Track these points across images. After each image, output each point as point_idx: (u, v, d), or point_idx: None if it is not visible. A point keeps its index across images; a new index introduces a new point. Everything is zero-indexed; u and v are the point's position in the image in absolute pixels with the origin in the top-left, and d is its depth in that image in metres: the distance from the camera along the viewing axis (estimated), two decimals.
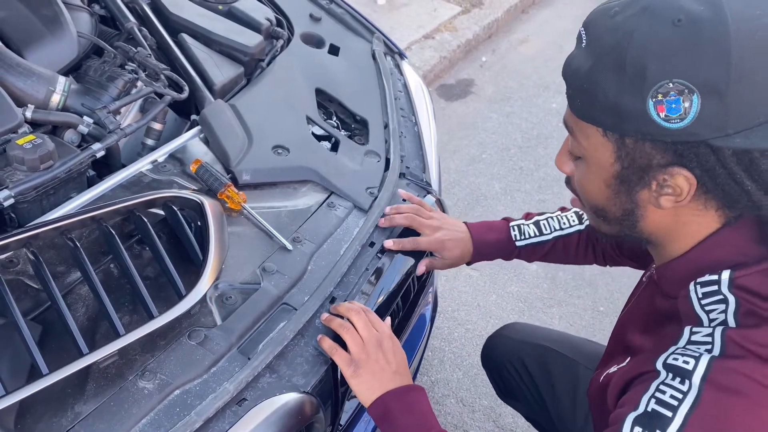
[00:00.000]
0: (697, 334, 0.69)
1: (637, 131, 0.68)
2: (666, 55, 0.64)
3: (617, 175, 0.72)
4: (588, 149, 0.74)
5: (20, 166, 0.93)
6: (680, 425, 0.64)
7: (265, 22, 1.44)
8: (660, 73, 0.64)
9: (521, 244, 1.17)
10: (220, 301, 0.90)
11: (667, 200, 0.71)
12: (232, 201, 1.02)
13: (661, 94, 0.64)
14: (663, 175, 0.69)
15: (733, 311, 0.68)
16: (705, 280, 0.72)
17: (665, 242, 0.77)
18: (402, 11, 3.79)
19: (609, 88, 0.67)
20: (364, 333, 0.89)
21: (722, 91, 0.62)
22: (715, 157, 0.66)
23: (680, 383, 0.66)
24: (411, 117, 1.43)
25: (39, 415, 0.73)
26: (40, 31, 1.16)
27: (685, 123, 0.64)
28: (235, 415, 0.79)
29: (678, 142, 0.66)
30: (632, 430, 0.66)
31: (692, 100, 0.63)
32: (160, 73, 1.17)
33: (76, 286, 0.87)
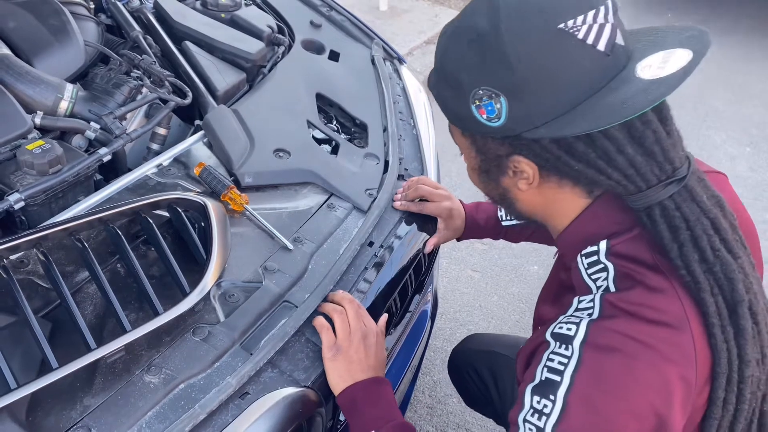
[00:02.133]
0: (583, 302, 0.75)
1: (475, 130, 0.78)
2: (470, 68, 0.73)
3: (480, 165, 0.83)
4: (460, 147, 0.86)
5: (30, 170, 0.97)
6: (568, 386, 0.69)
7: (267, 29, 1.48)
8: (471, 83, 0.73)
9: (507, 224, 1.22)
10: (223, 298, 0.93)
11: (523, 183, 0.79)
12: (235, 203, 1.04)
13: (478, 99, 0.74)
14: (512, 163, 0.78)
15: (612, 277, 0.74)
16: (588, 251, 0.78)
17: (547, 219, 0.85)
18: (404, 17, 3.83)
19: (447, 97, 0.79)
20: (353, 322, 0.92)
21: (517, 91, 0.71)
22: (537, 144, 0.74)
23: (565, 349, 0.72)
24: (410, 120, 1.45)
25: (49, 408, 0.75)
26: (49, 41, 1.20)
27: (502, 121, 0.73)
28: (238, 408, 0.81)
29: (506, 137, 0.75)
30: (532, 399, 0.72)
31: (501, 102, 0.72)
32: (164, 79, 1.21)
33: (84, 285, 0.90)
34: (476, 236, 1.26)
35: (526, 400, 0.73)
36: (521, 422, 0.72)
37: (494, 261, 2.35)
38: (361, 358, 0.91)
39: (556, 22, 0.68)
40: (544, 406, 0.70)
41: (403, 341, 1.24)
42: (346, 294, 0.97)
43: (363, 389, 0.89)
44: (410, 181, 1.22)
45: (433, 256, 1.31)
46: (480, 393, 1.34)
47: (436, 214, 1.19)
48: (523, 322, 2.14)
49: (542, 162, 0.75)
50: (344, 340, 0.90)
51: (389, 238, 1.14)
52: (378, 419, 0.87)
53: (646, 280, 0.72)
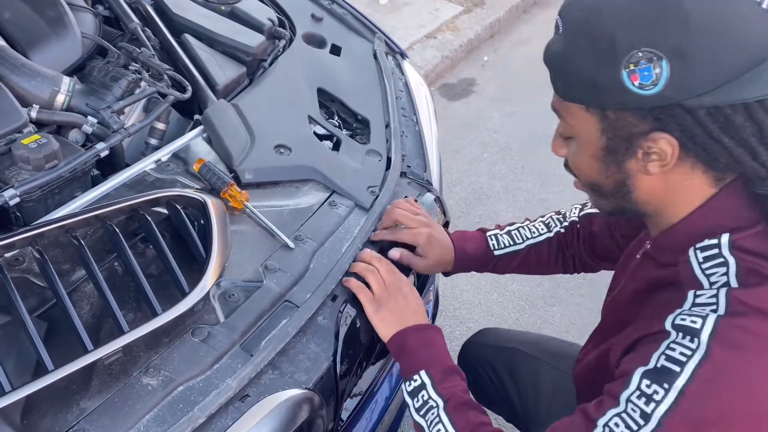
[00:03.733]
0: (701, 297, 0.72)
1: (616, 102, 0.72)
2: (632, 27, 0.68)
3: (604, 147, 0.76)
4: (576, 127, 0.79)
5: (25, 165, 0.95)
6: (688, 378, 0.67)
7: (268, 22, 1.45)
8: (629, 43, 0.68)
9: (499, 254, 1.17)
10: (223, 298, 0.91)
11: (654, 165, 0.74)
12: (235, 200, 1.02)
13: (633, 63, 0.68)
14: (647, 142, 0.73)
15: (734, 272, 0.71)
16: (705, 244, 0.74)
17: (661, 210, 0.80)
18: (404, 11, 3.80)
19: (586, 65, 0.72)
20: (386, 276, 0.97)
21: (687, 55, 0.66)
22: (691, 117, 0.69)
23: (690, 341, 0.69)
24: (412, 116, 1.43)
25: (45, 411, 0.74)
26: (45, 32, 1.17)
27: (659, 88, 0.68)
28: (238, 411, 0.80)
29: (655, 108, 0.70)
30: (641, 382, 0.70)
31: (662, 66, 0.67)
32: (163, 73, 1.18)
33: (80, 284, 0.88)
34: (465, 269, 1.17)
35: (633, 381, 0.71)
36: (623, 400, 0.71)
37: None
38: (402, 306, 0.95)
39: None
40: (654, 392, 0.68)
41: None
42: (373, 252, 1.01)
43: (412, 333, 0.93)
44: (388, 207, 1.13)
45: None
46: (495, 390, 1.31)
47: (411, 241, 1.09)
48: (523, 320, 2.13)
49: (688, 139, 0.71)
50: (382, 294, 0.95)
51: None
52: (428, 359, 0.91)
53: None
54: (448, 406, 0.87)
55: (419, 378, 0.91)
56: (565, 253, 1.19)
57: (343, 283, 0.97)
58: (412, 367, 0.92)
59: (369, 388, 1.13)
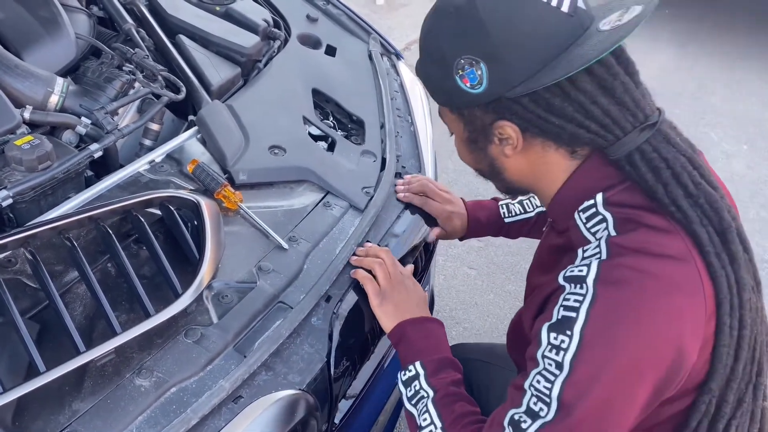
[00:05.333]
0: (587, 250, 0.80)
1: (462, 102, 0.84)
2: (451, 40, 0.81)
3: (469, 138, 0.89)
4: (449, 125, 0.92)
5: (18, 166, 0.94)
6: (584, 321, 0.73)
7: (262, 23, 1.45)
8: (453, 54, 0.81)
9: (509, 221, 1.27)
10: (217, 299, 0.91)
11: (509, 149, 0.85)
12: (229, 201, 1.02)
13: (460, 69, 0.80)
14: (496, 130, 0.83)
15: (612, 225, 0.79)
16: (584, 206, 0.83)
17: (537, 185, 0.89)
18: (401, 11, 3.81)
19: (433, 75, 0.87)
20: (391, 270, 1.01)
21: (495, 56, 0.78)
22: (518, 105, 0.80)
23: (579, 288, 0.75)
24: (407, 117, 1.43)
25: (37, 413, 0.73)
26: (39, 33, 1.17)
27: (484, 86, 0.80)
28: (231, 413, 0.79)
29: (490, 102, 0.81)
30: (548, 336, 0.76)
31: (481, 68, 0.79)
32: (157, 74, 1.18)
33: (73, 285, 0.88)
34: (478, 234, 1.28)
35: (543, 338, 0.76)
36: (540, 358, 0.76)
37: (490, 259, 2.34)
38: (404, 298, 0.99)
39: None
40: (561, 341, 0.74)
41: None
42: (380, 248, 1.05)
43: (412, 324, 0.97)
44: (414, 176, 1.25)
45: (430, 255, 1.29)
46: None
47: (436, 214, 1.21)
48: None
49: (524, 123, 0.81)
50: (387, 286, 0.99)
51: (386, 237, 1.12)
52: (424, 350, 0.95)
53: (647, 221, 0.77)
54: (437, 397, 0.89)
55: (414, 368, 0.93)
56: None
57: (351, 274, 1.01)
58: (408, 358, 0.95)
59: (363, 389, 1.13)
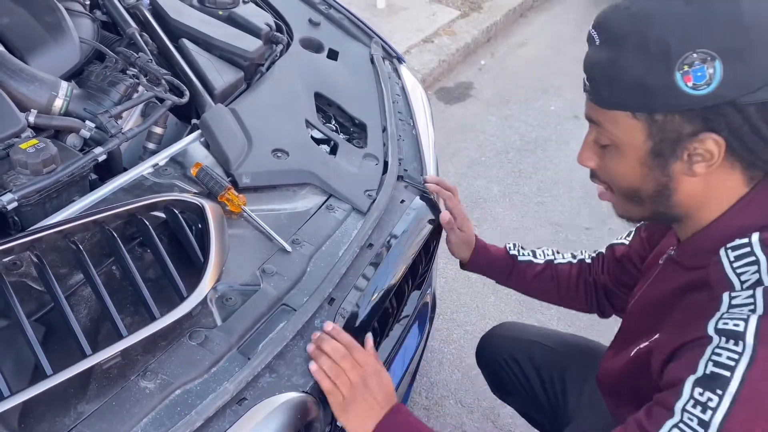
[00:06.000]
0: (737, 298, 0.72)
1: (666, 105, 0.74)
2: (685, 30, 0.71)
3: (650, 151, 0.78)
4: (618, 134, 0.80)
5: (23, 169, 0.95)
6: (740, 382, 0.68)
7: (265, 27, 1.46)
8: (682, 46, 0.70)
9: (519, 259, 1.24)
10: (221, 302, 0.91)
11: (700, 166, 0.76)
12: (233, 204, 1.03)
13: (687, 65, 0.70)
14: (694, 143, 0.75)
15: (766, 270, 0.72)
16: (735, 244, 0.76)
17: (695, 212, 0.82)
18: (401, 15, 3.81)
19: (635, 70, 0.74)
20: (352, 375, 0.89)
21: (741, 53, 0.69)
22: (740, 115, 0.72)
23: (734, 345, 0.69)
24: (409, 120, 1.44)
25: (42, 415, 0.74)
26: (43, 37, 1.18)
27: (712, 87, 0.70)
28: (235, 414, 0.80)
29: (706, 107, 0.72)
30: (693, 390, 0.70)
31: (715, 66, 0.70)
32: (161, 77, 1.19)
33: (78, 288, 0.89)
34: (481, 266, 1.27)
35: (686, 390, 0.71)
36: (678, 410, 0.72)
37: None
38: (371, 403, 0.90)
39: None
40: (708, 399, 0.69)
41: (402, 343, 1.23)
42: (335, 344, 0.90)
43: (386, 424, 0.89)
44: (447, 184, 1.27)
45: (431, 257, 1.30)
46: (517, 382, 1.32)
47: (455, 212, 1.23)
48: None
49: (735, 138, 0.73)
50: (350, 397, 0.89)
51: (388, 240, 1.13)
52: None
53: None
54: None
55: None
56: (587, 278, 1.21)
57: (312, 373, 0.88)
58: None
59: None
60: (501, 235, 2.49)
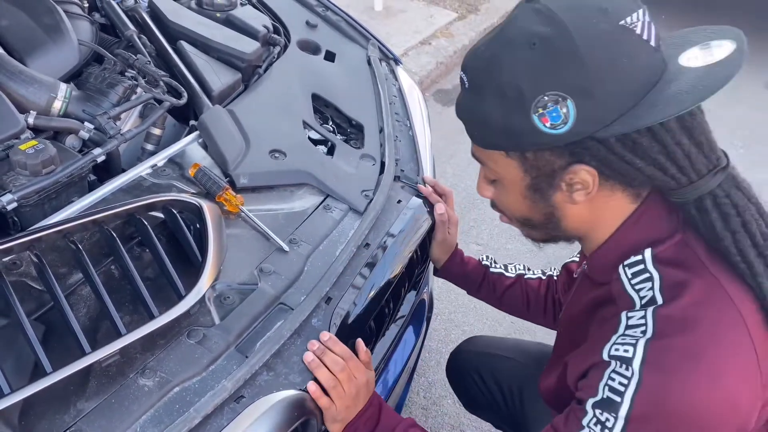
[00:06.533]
0: (632, 318, 0.76)
1: (533, 144, 0.76)
2: (533, 74, 0.72)
3: (529, 186, 0.81)
4: (499, 172, 0.83)
5: (23, 170, 0.96)
6: (629, 407, 0.72)
7: (262, 29, 1.47)
8: (533, 90, 0.72)
9: (494, 271, 1.27)
10: (219, 301, 0.92)
11: (579, 194, 0.79)
12: (230, 204, 1.04)
13: (541, 107, 0.72)
14: (568, 175, 0.77)
15: (658, 287, 0.75)
16: (631, 261, 0.79)
17: (590, 233, 0.85)
18: (399, 17, 3.83)
19: (497, 114, 0.76)
20: (346, 388, 0.90)
21: (589, 91, 0.71)
22: (603, 147, 0.74)
23: (625, 369, 0.73)
24: (406, 121, 1.45)
25: (42, 412, 0.75)
26: (42, 39, 1.19)
27: (569, 126, 0.72)
28: (233, 412, 0.81)
29: (569, 143, 0.74)
30: (594, 410, 0.75)
31: (568, 106, 0.71)
32: (159, 79, 1.20)
33: (77, 287, 0.89)
34: (453, 273, 1.28)
35: (588, 409, 0.76)
36: (585, 425, 0.76)
37: None
38: (355, 404, 0.93)
39: (618, 19, 0.71)
40: (606, 419, 0.74)
41: (399, 343, 1.24)
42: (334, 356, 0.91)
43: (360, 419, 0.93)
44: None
45: (427, 256, 1.30)
46: (482, 396, 1.35)
47: (449, 215, 1.24)
48: (518, 324, 2.14)
49: (604, 166, 0.75)
50: (341, 409, 0.90)
51: (385, 240, 1.13)
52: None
53: (694, 288, 0.74)
54: None
55: None
56: (554, 295, 1.24)
57: (310, 393, 0.88)
58: None
59: None
60: (498, 236, 2.50)
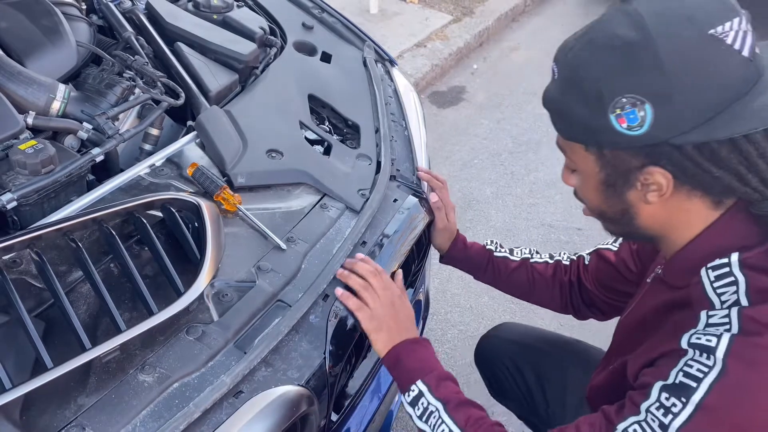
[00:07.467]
0: (714, 317, 0.75)
1: (609, 143, 0.78)
2: (613, 76, 0.74)
3: (604, 181, 0.82)
4: (577, 163, 0.85)
5: (22, 170, 0.97)
6: (705, 393, 0.71)
7: (259, 30, 1.48)
8: (612, 91, 0.74)
9: (496, 254, 1.27)
10: (217, 298, 0.93)
11: (653, 195, 0.79)
12: (228, 203, 1.05)
13: (619, 108, 0.74)
14: (643, 175, 0.78)
15: (744, 290, 0.74)
16: (715, 264, 0.78)
17: (666, 234, 0.84)
18: (394, 20, 3.84)
19: (578, 110, 0.78)
20: (381, 293, 1.00)
21: (668, 97, 0.72)
22: (679, 153, 0.75)
23: (706, 359, 0.72)
24: (401, 121, 1.46)
25: (43, 407, 0.76)
26: (41, 41, 1.20)
27: (645, 129, 0.73)
28: (232, 407, 0.82)
29: (645, 146, 0.75)
30: (660, 394, 0.74)
31: (645, 109, 0.72)
32: (156, 80, 1.21)
33: (77, 285, 0.90)
34: (458, 258, 1.29)
35: (653, 393, 0.75)
36: (643, 410, 0.75)
37: None
38: (395, 322, 1.00)
39: (707, 28, 0.71)
40: (672, 404, 0.73)
41: None
42: (368, 266, 1.02)
43: (405, 347, 0.99)
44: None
45: (423, 255, 1.32)
46: (513, 387, 1.32)
47: (445, 201, 1.27)
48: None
49: (680, 171, 0.76)
50: (378, 311, 0.99)
51: (381, 238, 1.15)
52: (422, 369, 0.97)
53: None
54: (448, 407, 0.93)
55: (416, 388, 0.96)
56: (562, 279, 1.23)
57: (339, 297, 0.99)
58: (407, 379, 0.98)
59: (361, 386, 1.15)
60: (494, 236, 2.51)
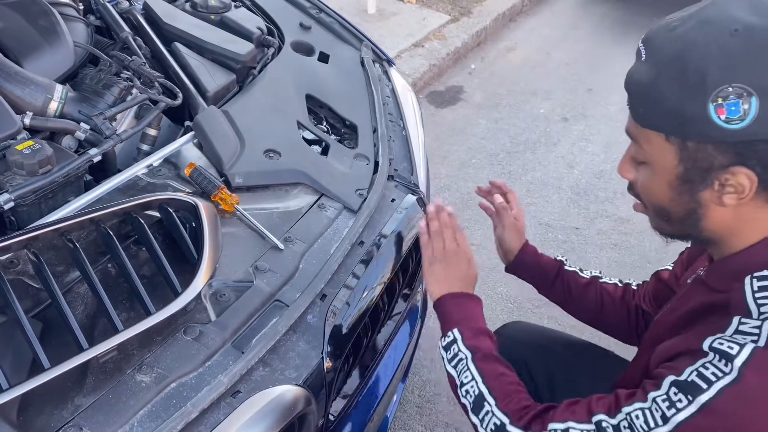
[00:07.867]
0: (746, 325, 0.73)
1: (698, 134, 0.73)
2: (726, 62, 0.69)
3: (680, 176, 0.77)
4: (651, 154, 0.79)
5: (20, 170, 0.97)
6: (713, 396, 0.70)
7: (257, 31, 1.48)
8: (720, 78, 0.69)
9: (568, 269, 1.21)
10: (215, 298, 0.93)
11: (730, 198, 0.75)
12: (226, 203, 1.05)
13: (721, 98, 0.69)
14: (725, 175, 0.73)
15: None
16: (763, 274, 0.75)
17: (725, 239, 0.81)
18: (392, 20, 3.85)
19: (671, 95, 0.73)
20: (448, 243, 1.07)
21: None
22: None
23: (723, 365, 0.71)
24: (399, 121, 1.46)
25: (40, 407, 0.75)
26: (38, 42, 1.19)
27: (745, 123, 0.69)
28: (230, 406, 0.82)
29: (738, 142, 0.71)
30: (669, 388, 0.74)
31: (751, 102, 0.68)
32: (154, 80, 1.21)
33: (74, 285, 0.90)
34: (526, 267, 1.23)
35: (664, 386, 0.75)
36: (650, 399, 0.76)
37: (482, 262, 2.37)
38: (454, 273, 1.05)
39: None
40: (679, 400, 0.73)
41: (393, 339, 1.25)
42: (447, 217, 1.10)
43: (454, 297, 1.03)
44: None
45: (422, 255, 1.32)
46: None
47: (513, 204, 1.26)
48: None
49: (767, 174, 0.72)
50: (440, 255, 1.06)
51: (379, 238, 1.15)
52: (462, 320, 1.01)
53: None
54: (476, 357, 0.96)
55: (452, 334, 1.00)
56: (630, 302, 1.19)
57: (419, 225, 1.11)
58: (448, 325, 1.01)
59: (359, 386, 1.15)
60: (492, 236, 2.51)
